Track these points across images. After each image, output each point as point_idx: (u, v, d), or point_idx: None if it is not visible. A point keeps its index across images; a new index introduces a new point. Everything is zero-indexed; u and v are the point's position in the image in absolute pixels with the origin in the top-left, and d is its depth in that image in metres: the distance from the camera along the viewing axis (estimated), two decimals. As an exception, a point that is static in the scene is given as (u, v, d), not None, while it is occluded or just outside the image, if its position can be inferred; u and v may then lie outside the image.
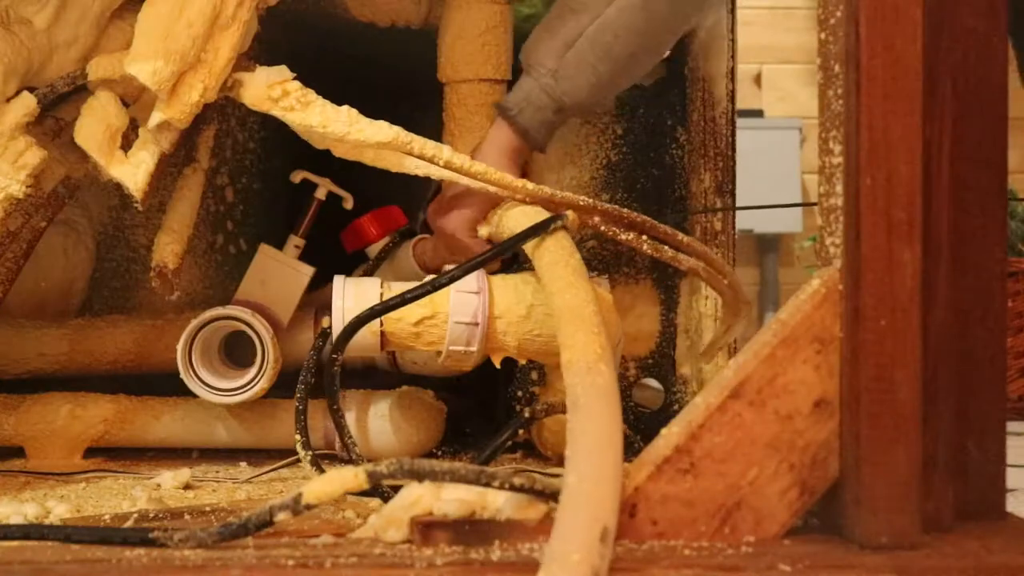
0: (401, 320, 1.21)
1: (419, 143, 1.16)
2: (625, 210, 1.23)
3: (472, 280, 1.22)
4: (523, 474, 0.84)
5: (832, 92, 0.87)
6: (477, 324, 1.20)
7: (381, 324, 1.21)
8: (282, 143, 1.50)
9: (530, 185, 1.22)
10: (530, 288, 1.23)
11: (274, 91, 1.14)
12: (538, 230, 1.13)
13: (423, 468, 0.84)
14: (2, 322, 1.31)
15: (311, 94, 1.16)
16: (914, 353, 0.83)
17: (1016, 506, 0.94)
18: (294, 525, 0.90)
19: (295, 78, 1.15)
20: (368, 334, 1.22)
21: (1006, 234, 0.94)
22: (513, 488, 0.83)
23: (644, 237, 1.20)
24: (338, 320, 1.22)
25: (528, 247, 1.14)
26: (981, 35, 0.90)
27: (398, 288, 1.23)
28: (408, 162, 1.19)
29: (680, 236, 1.24)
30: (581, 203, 1.22)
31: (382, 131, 1.14)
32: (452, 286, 1.21)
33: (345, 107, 1.16)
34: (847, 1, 0.84)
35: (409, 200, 1.53)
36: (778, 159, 3.07)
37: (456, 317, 1.20)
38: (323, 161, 1.35)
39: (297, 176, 1.36)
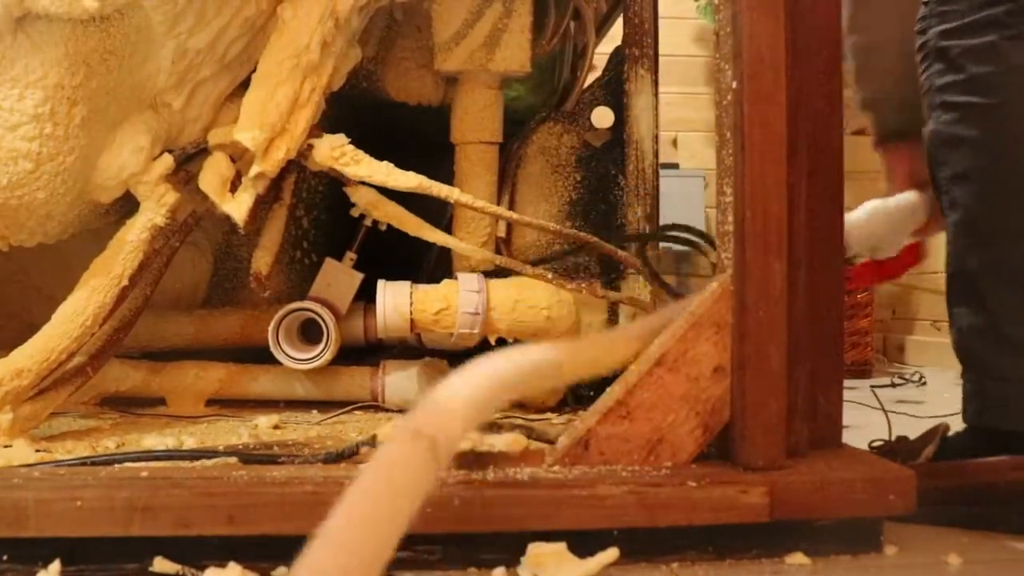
0: (426, 311, 1.22)
1: (436, 187, 1.14)
2: (582, 233, 1.24)
3: (475, 282, 1.22)
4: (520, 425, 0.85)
5: (725, 152, 0.88)
6: (479, 314, 1.21)
7: (411, 315, 1.21)
8: (340, 188, 1.50)
9: (515, 215, 1.21)
10: (515, 288, 1.23)
11: (335, 152, 1.13)
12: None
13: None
14: (151, 312, 1.31)
15: (361, 153, 1.14)
16: (782, 333, 0.84)
17: (848, 437, 0.95)
18: (351, 453, 0.91)
19: (350, 142, 1.14)
20: (401, 320, 1.22)
21: (843, 250, 0.95)
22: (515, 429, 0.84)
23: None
24: (381, 309, 1.22)
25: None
26: (825, 114, 0.91)
27: (423, 289, 1.23)
28: (426, 231, 1.18)
29: (618, 251, 1.25)
30: (551, 228, 1.22)
31: (410, 179, 1.12)
32: (460, 287, 1.21)
33: (385, 162, 1.14)
34: (735, 90, 0.85)
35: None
36: (689, 199, 3.08)
37: (464, 309, 1.21)
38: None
39: (356, 211, 1.35)
